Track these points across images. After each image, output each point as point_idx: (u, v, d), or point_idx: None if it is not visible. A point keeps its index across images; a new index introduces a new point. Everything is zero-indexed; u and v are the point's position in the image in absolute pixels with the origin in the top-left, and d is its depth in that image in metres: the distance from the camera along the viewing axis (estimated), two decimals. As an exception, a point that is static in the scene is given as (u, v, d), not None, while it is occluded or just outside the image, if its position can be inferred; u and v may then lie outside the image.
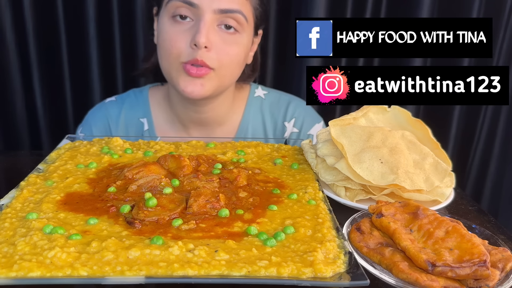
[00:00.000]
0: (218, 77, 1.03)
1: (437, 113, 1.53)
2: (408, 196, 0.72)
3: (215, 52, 0.99)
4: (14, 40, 1.41)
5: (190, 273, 0.50)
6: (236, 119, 1.20)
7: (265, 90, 1.24)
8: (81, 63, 1.45)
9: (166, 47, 1.02)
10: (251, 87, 1.23)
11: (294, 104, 1.21)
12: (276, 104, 1.21)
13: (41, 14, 1.40)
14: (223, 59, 1.01)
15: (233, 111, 1.19)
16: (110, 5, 1.40)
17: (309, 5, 1.38)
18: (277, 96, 1.23)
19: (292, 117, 1.20)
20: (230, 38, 1.01)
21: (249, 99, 1.21)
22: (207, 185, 0.71)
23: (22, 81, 1.46)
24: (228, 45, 1.01)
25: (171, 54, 1.01)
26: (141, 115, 1.19)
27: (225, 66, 1.02)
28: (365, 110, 0.88)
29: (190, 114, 1.14)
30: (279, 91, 1.26)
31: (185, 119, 1.16)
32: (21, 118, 1.50)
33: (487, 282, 0.52)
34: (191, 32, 0.99)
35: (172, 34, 1.00)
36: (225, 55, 1.01)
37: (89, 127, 1.19)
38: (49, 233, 0.56)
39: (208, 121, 1.16)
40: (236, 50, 1.03)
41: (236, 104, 1.20)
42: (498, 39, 1.46)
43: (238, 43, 1.03)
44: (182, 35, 1.00)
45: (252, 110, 1.20)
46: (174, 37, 1.00)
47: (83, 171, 0.78)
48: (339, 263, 0.53)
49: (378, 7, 1.42)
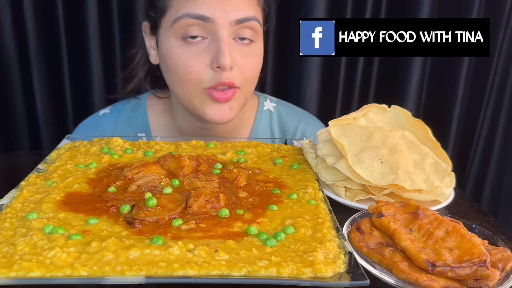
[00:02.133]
0: (243, 95, 0.96)
1: (437, 113, 1.53)
2: (408, 196, 0.72)
3: (238, 69, 0.91)
4: (14, 40, 1.41)
5: (190, 273, 0.50)
6: (245, 132, 1.12)
7: (274, 102, 1.16)
8: (81, 63, 1.45)
9: (181, 73, 0.91)
10: (259, 99, 1.15)
11: (304, 123, 1.14)
12: (286, 119, 1.14)
13: (41, 14, 1.41)
14: (247, 75, 0.93)
15: (242, 125, 1.11)
16: (110, 5, 1.40)
17: (309, 5, 1.38)
18: (286, 110, 1.16)
19: (303, 135, 1.13)
20: (247, 50, 0.93)
21: (258, 113, 1.13)
22: (207, 185, 0.71)
23: (22, 81, 1.46)
24: (248, 59, 0.93)
25: (190, 81, 0.90)
26: (139, 130, 1.09)
27: (249, 81, 0.95)
28: (365, 110, 0.88)
29: (196, 131, 1.05)
30: (288, 104, 1.20)
31: (189, 134, 1.06)
32: (21, 118, 1.50)
33: (487, 282, 0.52)
34: (208, 53, 0.89)
35: (187, 58, 0.89)
36: (249, 71, 0.93)
37: None
38: (49, 233, 0.56)
39: (215, 136, 1.07)
40: (257, 62, 0.95)
41: (244, 118, 1.11)
42: (498, 39, 1.46)
43: (256, 53, 0.95)
44: (198, 58, 0.89)
45: (261, 125, 1.13)
46: (191, 62, 0.89)
47: (83, 171, 0.78)
48: (339, 263, 0.53)
49: (378, 7, 1.42)
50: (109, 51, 1.45)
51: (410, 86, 1.45)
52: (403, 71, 1.45)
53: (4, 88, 1.45)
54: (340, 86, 1.50)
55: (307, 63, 1.44)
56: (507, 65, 1.51)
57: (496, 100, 1.56)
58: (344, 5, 1.40)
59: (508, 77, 1.53)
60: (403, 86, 1.46)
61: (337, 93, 1.50)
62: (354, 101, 1.52)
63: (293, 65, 1.47)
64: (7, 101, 1.47)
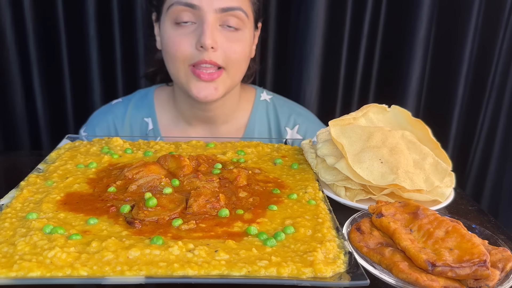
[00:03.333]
0: (229, 77, 1.05)
1: (437, 113, 1.53)
2: (408, 196, 0.72)
3: (222, 51, 1.01)
4: (14, 40, 1.41)
5: (190, 273, 0.50)
6: (242, 119, 1.21)
7: (270, 94, 1.26)
8: (81, 63, 1.45)
9: (171, 51, 1.03)
10: (256, 91, 1.25)
11: (297, 112, 1.24)
12: (280, 109, 1.23)
13: (41, 14, 1.40)
14: (231, 57, 1.03)
15: (239, 110, 1.21)
16: (110, 5, 1.40)
17: (309, 6, 1.38)
18: (281, 102, 1.26)
19: (296, 123, 1.22)
20: (234, 36, 1.03)
21: (256, 102, 1.23)
22: (207, 185, 0.71)
23: (22, 81, 1.46)
24: (233, 43, 1.03)
25: (177, 58, 1.02)
26: (145, 115, 1.20)
27: (234, 64, 1.04)
28: (365, 110, 0.88)
29: (196, 112, 1.15)
30: (283, 97, 1.29)
31: (190, 117, 1.17)
32: (21, 118, 1.50)
33: (487, 282, 0.52)
34: (195, 35, 1.00)
35: (176, 38, 1.02)
36: (232, 53, 1.03)
37: (92, 127, 1.20)
38: (49, 233, 0.56)
39: (214, 119, 1.17)
40: (241, 46, 1.04)
41: (242, 104, 1.21)
42: (498, 39, 1.46)
43: (242, 39, 1.05)
44: (186, 38, 1.01)
45: (258, 113, 1.22)
46: (178, 41, 1.01)
47: (83, 171, 0.78)
48: (339, 263, 0.53)
49: (378, 7, 1.42)
50: (109, 51, 1.45)
51: (410, 86, 1.45)
52: (403, 70, 1.45)
53: (4, 88, 1.45)
54: (340, 86, 1.50)
55: (307, 63, 1.44)
56: (507, 65, 1.51)
57: (496, 100, 1.56)
58: (344, 5, 1.40)
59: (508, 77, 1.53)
60: (403, 86, 1.46)
61: (337, 93, 1.50)
62: (354, 101, 1.52)
63: (293, 65, 1.47)
64: (7, 101, 1.47)
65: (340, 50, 1.45)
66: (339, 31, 1.43)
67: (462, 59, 1.44)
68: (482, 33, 1.46)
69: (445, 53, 1.47)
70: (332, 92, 1.50)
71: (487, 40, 1.47)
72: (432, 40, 1.44)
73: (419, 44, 1.40)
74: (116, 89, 1.49)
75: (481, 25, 1.45)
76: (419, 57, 1.42)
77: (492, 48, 1.47)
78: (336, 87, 1.49)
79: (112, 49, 1.45)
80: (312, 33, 1.40)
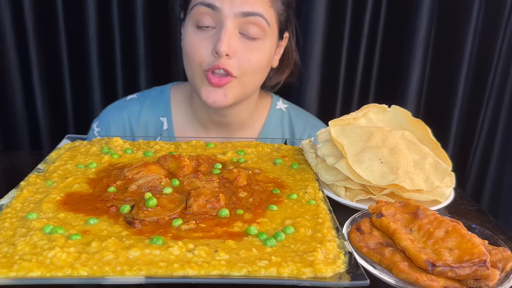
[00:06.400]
0: (240, 85, 1.04)
1: (437, 113, 1.53)
2: (408, 196, 0.72)
3: (236, 59, 1.00)
4: (14, 40, 1.41)
5: (190, 273, 0.50)
6: (257, 126, 1.20)
7: (286, 103, 1.25)
8: (81, 63, 1.45)
9: (188, 54, 1.03)
10: (272, 99, 1.24)
11: (312, 124, 1.23)
12: (296, 120, 1.23)
13: (41, 14, 1.41)
14: (244, 66, 1.01)
15: (255, 118, 1.20)
16: (110, 5, 1.40)
17: (309, 6, 1.38)
18: (296, 112, 1.25)
19: (310, 136, 1.19)
20: (252, 45, 1.01)
21: (271, 110, 1.22)
22: (207, 185, 0.71)
23: (22, 81, 1.46)
24: (250, 52, 1.01)
25: (194, 62, 1.02)
26: (161, 114, 1.19)
27: (247, 73, 1.03)
28: (365, 110, 0.88)
29: (212, 116, 1.14)
30: (298, 107, 1.28)
31: (205, 121, 1.16)
32: (21, 118, 1.50)
33: (487, 282, 0.52)
34: (213, 40, 1.00)
35: (195, 42, 1.02)
36: (246, 62, 1.01)
37: (106, 122, 1.18)
38: (49, 233, 0.56)
39: (229, 124, 1.16)
40: (258, 57, 1.03)
41: (258, 112, 1.20)
42: (498, 39, 1.46)
43: (260, 49, 1.03)
44: (204, 43, 1.00)
45: (273, 121, 1.21)
46: (197, 45, 1.01)
47: (83, 171, 0.78)
48: (339, 263, 0.53)
49: (378, 7, 1.42)
50: (109, 51, 1.45)
51: (410, 86, 1.45)
52: (403, 71, 1.45)
53: (4, 88, 1.45)
54: (340, 86, 1.50)
55: (307, 63, 1.44)
56: (507, 65, 1.51)
57: (496, 100, 1.56)
58: (344, 5, 1.40)
59: (508, 77, 1.53)
60: (403, 86, 1.46)
61: (337, 93, 1.50)
62: (354, 101, 1.52)
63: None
64: (7, 101, 1.47)
65: (340, 50, 1.45)
66: (339, 31, 1.43)
67: (462, 59, 1.44)
68: (482, 33, 1.46)
69: (445, 53, 1.47)
70: (332, 92, 1.50)
71: (487, 40, 1.47)
72: (432, 40, 1.44)
73: (419, 44, 1.40)
74: (116, 89, 1.49)
75: (481, 25, 1.45)
76: (419, 57, 1.42)
77: (492, 48, 1.47)
78: (336, 87, 1.49)
79: (112, 49, 1.45)
80: (312, 33, 1.41)
